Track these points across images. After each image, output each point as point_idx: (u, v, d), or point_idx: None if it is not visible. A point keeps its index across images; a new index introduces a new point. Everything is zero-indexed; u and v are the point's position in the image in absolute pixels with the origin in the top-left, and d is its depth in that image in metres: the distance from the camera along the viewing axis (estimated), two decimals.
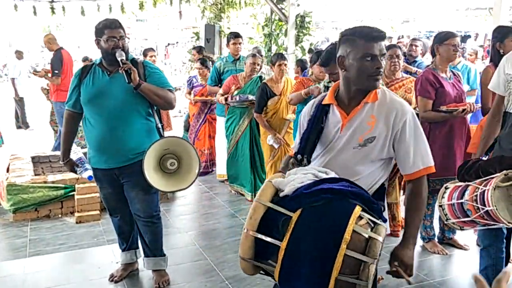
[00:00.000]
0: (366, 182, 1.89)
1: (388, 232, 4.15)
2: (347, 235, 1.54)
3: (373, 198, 1.78)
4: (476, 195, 2.43)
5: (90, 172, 3.26)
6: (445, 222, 2.70)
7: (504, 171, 2.39)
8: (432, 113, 3.57)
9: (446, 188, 2.71)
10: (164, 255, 3.43)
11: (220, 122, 5.82)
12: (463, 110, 3.48)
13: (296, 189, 1.67)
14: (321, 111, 1.98)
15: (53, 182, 4.90)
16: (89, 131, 3.12)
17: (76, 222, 4.68)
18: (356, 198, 1.67)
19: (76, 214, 4.73)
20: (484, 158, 2.78)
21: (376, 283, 1.99)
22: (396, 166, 4.07)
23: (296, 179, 1.71)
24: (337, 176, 1.79)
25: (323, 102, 2.00)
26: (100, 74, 3.08)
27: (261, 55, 5.89)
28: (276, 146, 4.89)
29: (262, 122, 4.94)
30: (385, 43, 1.89)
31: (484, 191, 2.39)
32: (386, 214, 1.94)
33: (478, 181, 2.49)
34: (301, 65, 6.68)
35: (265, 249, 1.63)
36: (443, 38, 3.57)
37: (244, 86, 5.21)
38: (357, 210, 1.62)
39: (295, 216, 1.61)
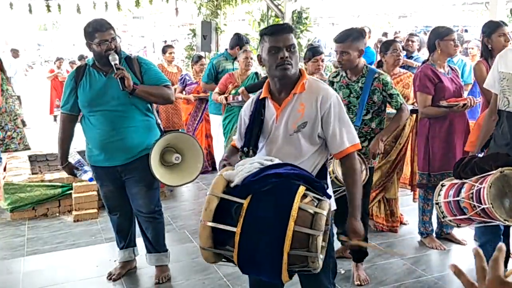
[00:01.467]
0: (308, 164, 2.09)
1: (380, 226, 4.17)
2: (293, 212, 1.70)
3: (316, 178, 1.97)
4: (472, 193, 2.43)
5: (90, 174, 3.25)
6: (442, 220, 2.70)
7: (500, 169, 2.39)
8: (432, 109, 3.57)
9: (442, 185, 2.71)
10: (167, 250, 3.45)
11: (214, 120, 5.79)
12: (464, 105, 3.48)
13: (244, 178, 1.82)
14: (259, 105, 2.17)
15: (50, 181, 4.89)
16: (90, 130, 3.11)
17: (74, 221, 4.67)
18: (299, 179, 1.84)
19: (74, 213, 4.73)
20: (479, 155, 2.78)
21: (336, 269, 2.28)
22: (395, 165, 4.08)
23: (244, 169, 1.87)
24: (281, 162, 1.95)
25: (260, 97, 2.19)
26: (96, 75, 3.07)
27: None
28: None
29: (247, 97, 4.96)
30: (290, 37, 2.06)
31: (480, 188, 2.39)
32: (330, 191, 2.16)
33: (474, 178, 2.49)
34: None
35: (222, 236, 1.78)
36: (444, 34, 3.58)
37: (242, 84, 5.18)
38: (301, 190, 1.78)
39: (246, 202, 1.76)
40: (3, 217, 4.80)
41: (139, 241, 3.57)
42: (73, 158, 3.32)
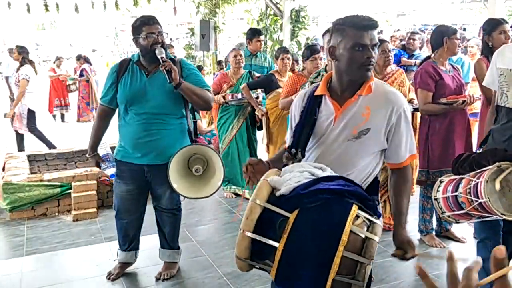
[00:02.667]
0: (361, 175, 1.89)
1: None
2: (344, 237, 1.52)
3: (368, 194, 1.76)
4: (470, 188, 2.44)
5: (114, 170, 3.25)
6: (440, 216, 2.71)
7: (497, 163, 2.40)
8: (432, 106, 3.59)
9: (441, 181, 2.72)
10: (179, 248, 3.47)
11: None
12: (463, 101, 3.49)
13: (293, 189, 1.63)
14: (314, 103, 1.93)
15: (49, 181, 4.87)
16: (124, 127, 3.13)
17: (73, 220, 4.66)
18: (352, 197, 1.64)
19: (73, 212, 4.72)
20: (478, 151, 2.78)
21: (371, 281, 1.99)
22: None
23: (293, 178, 1.68)
24: (333, 174, 1.75)
25: (316, 93, 1.95)
26: (138, 73, 3.07)
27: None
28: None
29: (248, 94, 4.97)
30: (375, 33, 1.85)
31: (477, 183, 2.39)
32: (379, 208, 1.96)
33: (471, 173, 2.50)
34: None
35: (262, 249, 1.61)
36: (451, 32, 3.62)
37: (237, 83, 5.18)
38: (354, 209, 1.59)
39: (292, 217, 1.58)
40: (2, 217, 4.78)
41: (143, 241, 3.56)
42: (104, 149, 3.31)
